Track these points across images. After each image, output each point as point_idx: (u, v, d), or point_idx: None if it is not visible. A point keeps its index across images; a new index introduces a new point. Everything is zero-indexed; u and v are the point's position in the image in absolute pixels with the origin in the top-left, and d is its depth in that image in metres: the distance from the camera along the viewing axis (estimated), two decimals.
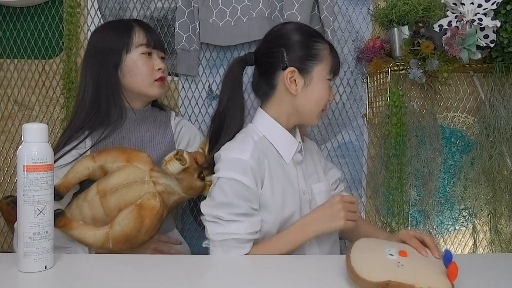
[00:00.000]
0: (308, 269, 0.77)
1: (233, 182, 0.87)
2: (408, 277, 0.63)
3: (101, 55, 1.05)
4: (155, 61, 1.09)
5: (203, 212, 0.90)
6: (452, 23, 1.19)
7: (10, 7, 1.40)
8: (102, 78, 1.05)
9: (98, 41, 1.08)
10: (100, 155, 1.00)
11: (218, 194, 0.88)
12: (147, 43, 1.08)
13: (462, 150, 1.45)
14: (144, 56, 1.07)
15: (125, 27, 1.07)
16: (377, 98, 1.39)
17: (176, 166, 0.90)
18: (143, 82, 1.07)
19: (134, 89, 1.08)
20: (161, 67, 1.09)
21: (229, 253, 0.86)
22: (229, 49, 1.44)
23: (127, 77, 1.06)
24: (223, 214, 0.86)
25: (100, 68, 1.05)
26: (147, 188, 0.93)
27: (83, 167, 0.98)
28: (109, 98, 1.05)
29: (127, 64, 1.06)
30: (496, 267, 0.79)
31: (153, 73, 1.08)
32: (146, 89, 1.08)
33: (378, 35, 1.41)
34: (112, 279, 0.70)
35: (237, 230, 0.85)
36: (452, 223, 1.47)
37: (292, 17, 1.34)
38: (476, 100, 1.46)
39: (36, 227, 0.71)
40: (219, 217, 0.87)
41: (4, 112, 1.43)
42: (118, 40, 1.06)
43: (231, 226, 0.86)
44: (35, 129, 0.73)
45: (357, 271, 0.65)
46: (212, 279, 0.72)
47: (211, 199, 0.89)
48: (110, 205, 0.93)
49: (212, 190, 0.90)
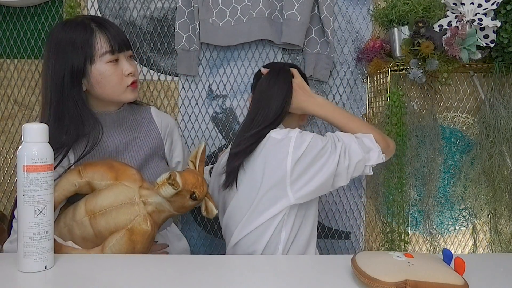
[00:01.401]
0: (309, 269, 0.77)
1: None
2: (422, 275, 0.64)
3: (63, 63, 0.95)
4: (123, 66, 1.00)
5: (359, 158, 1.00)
6: (452, 23, 1.19)
7: (10, 7, 1.40)
8: (66, 89, 0.96)
9: (57, 45, 0.96)
10: (87, 169, 0.95)
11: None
12: (111, 49, 0.97)
13: (462, 150, 1.45)
14: (110, 64, 0.98)
15: (85, 32, 0.96)
16: (377, 98, 1.39)
17: (168, 191, 0.87)
18: (114, 91, 1.00)
19: (105, 99, 1.01)
20: (131, 71, 1.01)
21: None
22: (229, 49, 1.44)
23: (96, 89, 0.98)
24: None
25: (63, 78, 0.95)
26: (138, 211, 0.90)
27: (70, 184, 0.94)
28: (78, 109, 0.97)
29: (93, 75, 0.97)
30: (496, 267, 0.79)
31: (123, 81, 1.00)
32: (119, 97, 1.01)
33: (378, 35, 1.41)
34: (112, 279, 0.70)
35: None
36: (452, 223, 1.47)
37: (292, 17, 1.34)
38: (476, 100, 1.46)
39: (36, 227, 0.71)
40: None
41: (4, 112, 1.43)
42: (80, 48, 0.95)
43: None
44: (35, 129, 0.73)
45: (371, 274, 0.65)
46: (213, 279, 0.72)
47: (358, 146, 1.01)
48: (100, 228, 0.91)
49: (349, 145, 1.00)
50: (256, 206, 1.01)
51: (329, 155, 0.98)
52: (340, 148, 0.99)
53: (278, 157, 0.99)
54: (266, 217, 1.00)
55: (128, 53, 1.03)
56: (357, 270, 0.68)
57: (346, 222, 1.49)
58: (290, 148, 0.98)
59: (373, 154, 1.02)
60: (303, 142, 0.99)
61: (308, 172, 0.98)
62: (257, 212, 1.01)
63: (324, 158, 0.98)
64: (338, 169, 0.98)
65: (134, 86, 1.03)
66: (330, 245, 1.49)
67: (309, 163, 0.98)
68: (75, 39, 0.95)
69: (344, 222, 1.49)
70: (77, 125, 0.97)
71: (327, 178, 0.98)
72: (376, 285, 0.64)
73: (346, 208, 1.48)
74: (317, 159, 0.98)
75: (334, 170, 0.97)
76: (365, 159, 1.00)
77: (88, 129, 0.97)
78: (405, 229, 1.32)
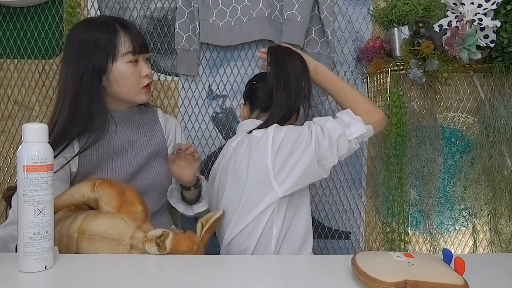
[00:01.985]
0: (309, 269, 0.77)
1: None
2: (422, 275, 0.64)
3: (84, 59, 0.99)
4: (141, 67, 1.04)
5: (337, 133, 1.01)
6: (452, 23, 1.19)
7: (10, 7, 1.40)
8: (85, 84, 0.99)
9: (81, 41, 1.00)
10: (101, 187, 0.93)
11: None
12: (133, 50, 1.02)
13: (462, 150, 1.45)
14: (130, 64, 1.02)
15: (109, 31, 1.00)
16: (377, 98, 1.39)
17: (152, 250, 0.84)
18: (131, 91, 1.04)
19: (120, 97, 1.05)
20: (147, 73, 1.05)
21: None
22: (229, 49, 1.44)
23: (113, 86, 1.02)
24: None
25: (83, 74, 0.99)
26: (120, 251, 0.87)
27: (79, 194, 0.92)
28: (92, 105, 1.00)
29: (113, 73, 1.01)
30: (496, 267, 0.79)
31: (140, 81, 1.05)
32: (133, 97, 1.05)
33: (378, 35, 1.41)
34: (112, 279, 0.70)
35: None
36: (452, 223, 1.47)
37: (292, 17, 1.34)
38: (476, 100, 1.46)
39: (36, 227, 0.71)
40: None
41: (4, 112, 1.43)
42: (103, 47, 0.99)
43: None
44: (35, 129, 0.73)
45: (370, 274, 0.65)
46: (213, 279, 0.72)
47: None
48: (82, 250, 0.89)
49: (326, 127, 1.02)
50: (245, 204, 1.02)
51: (307, 141, 1.00)
52: (315, 131, 1.01)
53: (259, 153, 1.02)
54: (255, 213, 1.02)
55: (146, 55, 1.07)
56: (357, 270, 0.68)
57: (346, 222, 1.49)
58: (269, 143, 1.01)
59: (353, 127, 1.03)
60: (279, 134, 1.01)
61: (289, 162, 1.00)
62: (246, 210, 1.02)
63: (303, 145, 0.99)
64: (321, 152, 0.99)
65: (148, 89, 1.07)
66: (330, 245, 1.49)
67: (288, 153, 1.00)
68: (100, 37, 0.99)
69: (344, 222, 1.49)
70: (87, 119, 1.00)
71: (309, 164, 0.99)
72: (376, 285, 0.64)
73: (346, 208, 1.48)
74: (295, 148, 1.00)
75: (314, 154, 0.98)
76: (346, 133, 1.01)
77: (97, 125, 1.00)
78: (405, 229, 1.32)
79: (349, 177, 1.47)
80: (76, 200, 0.93)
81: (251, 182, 1.02)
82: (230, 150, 1.12)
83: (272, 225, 1.03)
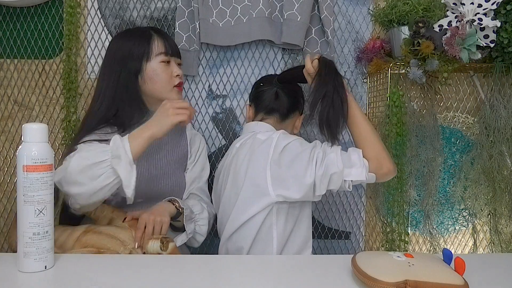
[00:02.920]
0: (309, 269, 0.77)
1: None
2: (422, 275, 0.64)
3: (122, 62, 1.09)
4: (173, 68, 1.13)
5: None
6: (452, 23, 1.19)
7: (10, 7, 1.40)
8: (122, 84, 1.08)
9: (118, 48, 1.11)
10: (120, 211, 1.02)
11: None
12: (166, 52, 1.12)
13: (462, 150, 1.45)
14: (163, 64, 1.11)
15: (144, 36, 1.11)
16: (377, 98, 1.39)
17: (155, 246, 0.89)
18: (163, 88, 1.11)
19: (154, 95, 1.12)
20: (178, 74, 1.14)
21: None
22: (229, 49, 1.44)
23: (147, 84, 1.10)
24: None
25: (120, 75, 1.09)
26: (121, 251, 0.92)
27: (101, 209, 0.99)
28: (131, 103, 1.09)
29: (147, 72, 1.10)
30: (496, 267, 0.79)
31: (171, 80, 1.13)
32: (166, 94, 1.11)
33: (378, 35, 1.41)
34: (112, 279, 0.70)
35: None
36: (452, 223, 1.47)
37: (292, 17, 1.34)
38: (476, 100, 1.46)
39: (36, 227, 0.71)
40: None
41: (4, 112, 1.43)
42: (139, 49, 1.10)
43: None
44: (35, 129, 0.73)
45: (371, 274, 0.65)
46: (214, 279, 0.72)
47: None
48: (81, 241, 0.92)
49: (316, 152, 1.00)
50: (241, 203, 1.04)
51: (307, 160, 0.98)
52: (316, 154, 0.98)
53: (260, 156, 1.03)
54: (251, 213, 1.03)
55: (178, 60, 1.18)
56: (357, 270, 0.68)
57: (346, 222, 1.49)
58: (271, 148, 1.02)
59: (355, 170, 0.98)
60: (283, 143, 1.02)
61: (286, 173, 1.00)
62: (241, 209, 1.04)
63: (302, 163, 0.98)
64: (314, 177, 0.98)
65: (180, 89, 1.15)
66: (330, 245, 1.49)
67: (287, 164, 1.00)
68: (137, 38, 1.11)
69: (344, 222, 1.49)
70: (124, 116, 1.07)
71: (301, 182, 0.98)
72: (376, 285, 0.64)
73: (346, 208, 1.48)
74: (295, 161, 0.99)
75: (308, 176, 0.98)
76: (344, 173, 0.97)
77: (134, 121, 1.06)
78: (405, 229, 1.32)
79: None
80: (95, 214, 0.99)
81: (248, 182, 1.03)
82: (233, 150, 1.14)
83: (271, 228, 1.03)
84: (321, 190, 0.99)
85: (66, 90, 1.38)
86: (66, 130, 1.39)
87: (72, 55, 1.38)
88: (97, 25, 1.42)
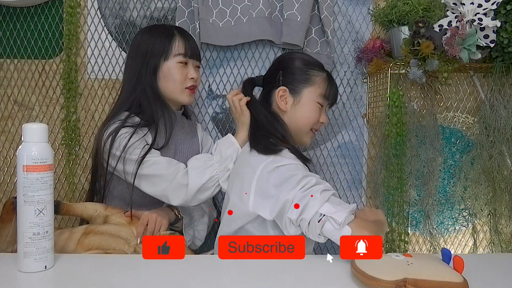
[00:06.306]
0: (308, 269, 0.77)
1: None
2: (421, 273, 0.64)
3: (143, 57, 1.11)
4: (189, 70, 1.14)
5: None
6: (452, 23, 1.19)
7: (10, 7, 1.40)
8: (141, 79, 1.10)
9: (141, 42, 1.13)
10: (113, 208, 1.05)
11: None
12: (185, 53, 1.12)
13: (462, 150, 1.45)
14: (180, 65, 1.12)
15: (167, 34, 1.12)
16: (377, 98, 1.39)
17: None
18: (175, 88, 1.12)
19: (165, 94, 1.13)
20: (194, 77, 1.14)
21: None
22: (229, 49, 1.44)
23: (161, 82, 1.12)
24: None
25: (140, 69, 1.11)
26: (126, 249, 0.93)
27: (93, 208, 1.02)
28: (151, 98, 1.10)
29: (163, 70, 1.11)
30: (496, 267, 0.79)
31: (185, 81, 1.13)
32: (176, 95, 1.13)
33: (378, 35, 1.41)
34: (112, 279, 0.70)
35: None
36: (452, 223, 1.47)
37: (292, 17, 1.34)
38: (476, 100, 1.46)
39: (36, 227, 0.71)
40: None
41: (4, 112, 1.43)
42: (159, 46, 1.11)
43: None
44: (35, 129, 0.73)
45: (370, 274, 0.66)
46: (214, 279, 0.72)
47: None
48: (84, 243, 0.93)
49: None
50: (230, 209, 1.02)
51: (292, 185, 0.87)
52: (299, 196, 0.85)
53: (247, 173, 0.97)
54: (240, 223, 0.98)
55: (197, 63, 1.18)
56: (356, 270, 0.68)
57: None
58: (257, 174, 0.94)
59: (339, 212, 0.84)
60: (278, 162, 0.94)
61: (266, 200, 0.92)
62: (232, 217, 1.00)
63: (283, 189, 0.88)
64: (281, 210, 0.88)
65: (192, 91, 1.16)
66: (330, 245, 1.49)
67: (271, 193, 0.91)
68: (156, 38, 1.12)
69: None
70: (147, 112, 1.10)
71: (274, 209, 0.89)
72: (376, 284, 0.64)
73: None
74: (278, 191, 0.89)
75: (280, 205, 0.87)
76: (321, 210, 0.84)
77: (157, 116, 1.09)
78: (405, 229, 1.32)
79: (349, 177, 1.47)
80: (86, 213, 1.01)
81: (234, 195, 1.00)
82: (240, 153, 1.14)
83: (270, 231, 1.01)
84: (272, 218, 0.90)
85: (66, 90, 1.38)
86: (66, 130, 1.39)
87: (72, 55, 1.38)
88: (97, 25, 1.42)
